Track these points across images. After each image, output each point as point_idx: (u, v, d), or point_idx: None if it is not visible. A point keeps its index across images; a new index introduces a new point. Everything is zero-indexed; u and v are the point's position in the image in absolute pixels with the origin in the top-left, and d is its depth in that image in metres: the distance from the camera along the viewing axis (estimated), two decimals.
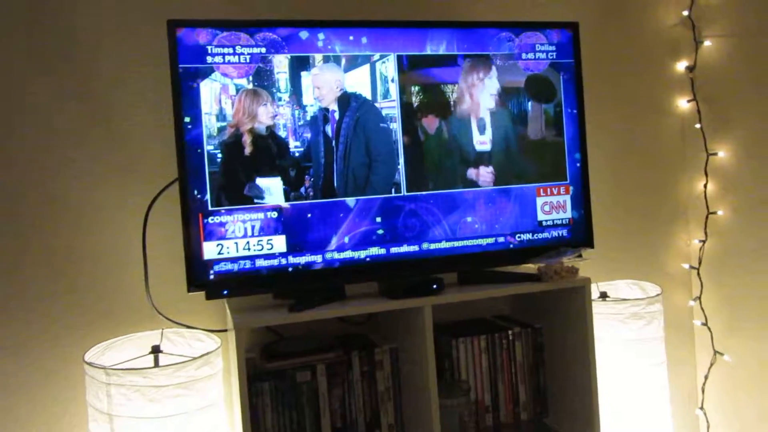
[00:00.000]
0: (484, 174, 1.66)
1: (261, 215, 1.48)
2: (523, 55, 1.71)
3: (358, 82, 1.57)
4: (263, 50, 1.51)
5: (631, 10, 2.14)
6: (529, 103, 1.71)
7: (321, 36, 1.55)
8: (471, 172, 1.65)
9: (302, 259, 1.51)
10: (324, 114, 1.55)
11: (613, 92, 2.11)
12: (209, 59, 1.47)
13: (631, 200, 2.13)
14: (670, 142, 2.17)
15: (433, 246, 1.62)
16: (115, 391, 1.28)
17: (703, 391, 2.13)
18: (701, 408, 2.14)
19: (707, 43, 2.09)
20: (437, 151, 1.63)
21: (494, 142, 1.67)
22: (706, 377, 2.12)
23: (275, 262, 1.49)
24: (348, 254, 1.55)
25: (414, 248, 1.60)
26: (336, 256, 1.54)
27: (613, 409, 1.80)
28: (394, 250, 1.58)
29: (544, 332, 1.78)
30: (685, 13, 2.12)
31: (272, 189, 1.49)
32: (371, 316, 1.77)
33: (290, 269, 1.50)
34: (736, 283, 2.05)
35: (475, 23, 1.68)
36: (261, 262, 1.48)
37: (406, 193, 1.60)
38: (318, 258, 1.53)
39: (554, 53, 1.74)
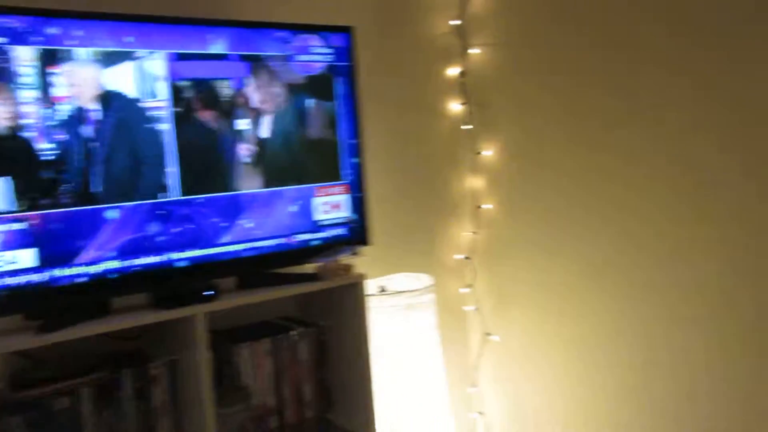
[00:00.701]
0: (257, 176, 1.65)
1: (3, 227, 1.32)
2: (300, 57, 1.72)
3: (121, 80, 1.46)
4: (4, 39, 1.34)
5: (407, 18, 2.26)
6: (306, 105, 1.72)
7: (77, 29, 1.41)
8: (247, 174, 1.63)
9: (56, 274, 1.38)
10: (80, 114, 1.42)
11: (391, 95, 2.21)
12: None
13: (409, 198, 2.25)
14: (444, 143, 2.33)
15: (209, 251, 1.57)
16: None
17: (476, 370, 2.34)
18: (475, 386, 2.34)
19: (475, 50, 2.27)
20: (211, 152, 1.58)
21: (271, 142, 1.66)
22: (478, 357, 2.33)
23: (22, 279, 1.34)
24: (111, 265, 1.44)
25: (188, 254, 1.54)
26: (97, 268, 1.43)
27: (394, 396, 1.91)
28: (164, 257, 1.51)
29: (328, 330, 1.82)
30: (455, 22, 2.28)
31: (6, 196, 1.34)
32: (146, 329, 1.67)
33: (41, 286, 1.36)
34: (503, 270, 2.28)
35: (250, 23, 1.65)
36: (3, 281, 1.32)
37: (177, 197, 1.53)
38: (76, 271, 1.40)
39: (331, 56, 1.77)
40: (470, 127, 2.30)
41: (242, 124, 1.62)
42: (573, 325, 2.16)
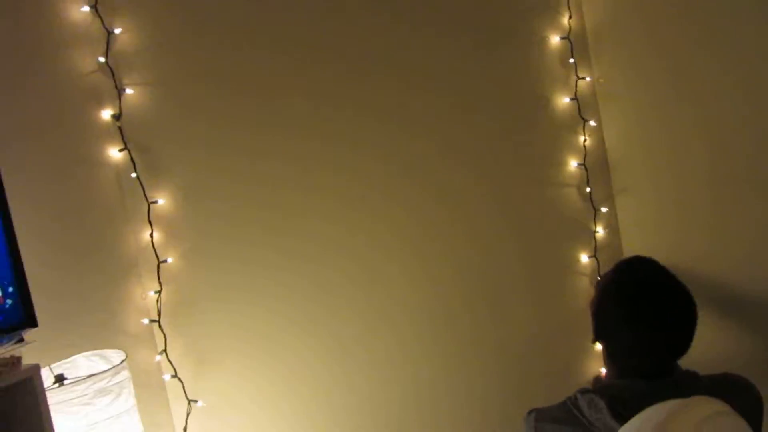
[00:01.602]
0: None
1: None
2: None
3: None
4: None
5: (45, 55, 1.93)
6: None
7: None
8: None
9: None
10: None
11: (36, 147, 1.87)
12: None
13: (76, 263, 1.90)
14: (108, 195, 2.02)
15: None
16: None
17: None
18: None
19: (129, 90, 2.04)
20: None
21: None
22: (185, 429, 2.05)
23: None
24: None
25: None
26: None
27: None
28: None
29: None
30: (102, 59, 2.01)
31: None
32: None
33: None
34: (195, 328, 2.08)
35: None
36: None
37: None
38: None
39: None
40: (135, 175, 2.05)
41: None
42: (271, 372, 2.15)
